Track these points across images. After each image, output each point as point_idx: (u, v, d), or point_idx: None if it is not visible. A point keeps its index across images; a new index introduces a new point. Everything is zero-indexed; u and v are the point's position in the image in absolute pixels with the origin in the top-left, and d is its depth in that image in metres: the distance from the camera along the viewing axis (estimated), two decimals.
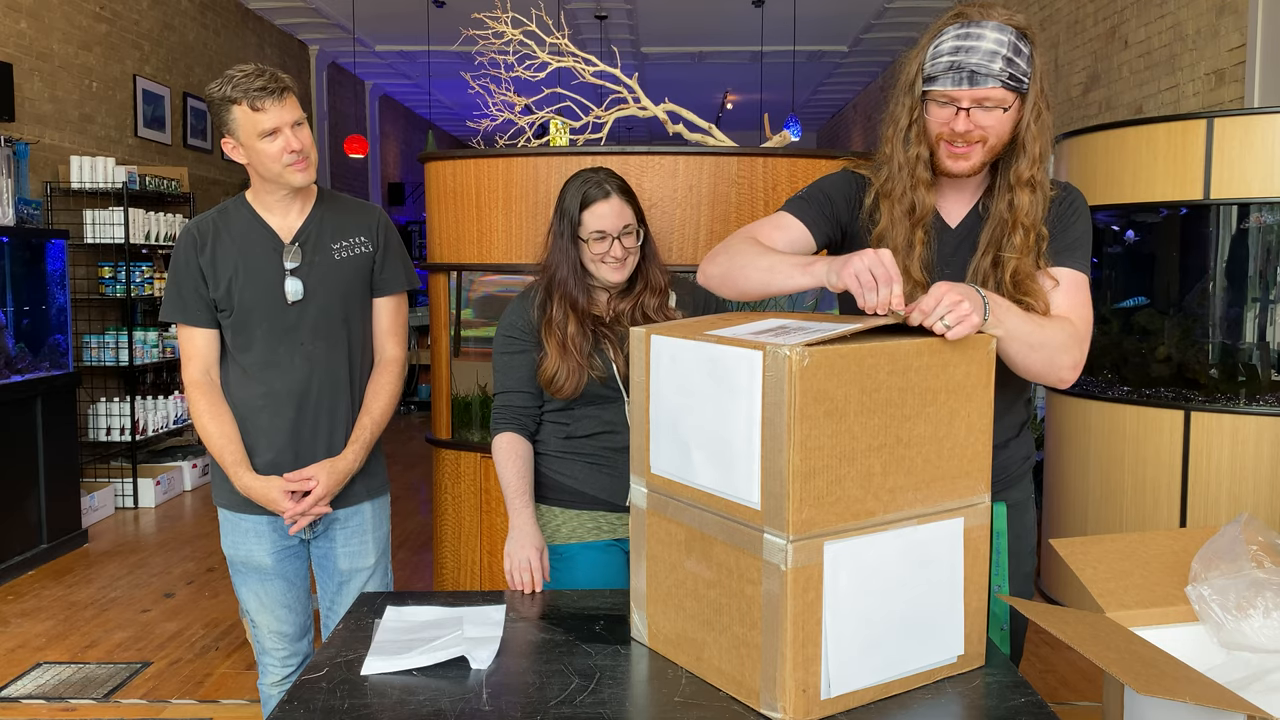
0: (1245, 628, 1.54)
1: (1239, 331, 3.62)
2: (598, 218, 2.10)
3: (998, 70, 1.61)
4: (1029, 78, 1.65)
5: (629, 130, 13.84)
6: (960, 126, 1.65)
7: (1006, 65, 1.61)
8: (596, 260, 2.12)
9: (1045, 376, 1.68)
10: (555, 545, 2.19)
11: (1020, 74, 1.63)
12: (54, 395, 5.06)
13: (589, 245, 2.12)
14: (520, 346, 2.19)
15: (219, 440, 2.21)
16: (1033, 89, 1.66)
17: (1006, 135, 1.68)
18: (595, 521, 2.19)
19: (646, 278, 2.19)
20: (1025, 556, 1.90)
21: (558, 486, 2.20)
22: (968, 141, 1.67)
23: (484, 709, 1.42)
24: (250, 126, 2.12)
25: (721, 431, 1.43)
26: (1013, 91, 1.64)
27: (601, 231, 2.10)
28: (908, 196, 1.73)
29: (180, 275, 2.22)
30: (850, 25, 10.06)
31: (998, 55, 1.60)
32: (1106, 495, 3.77)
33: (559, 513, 2.20)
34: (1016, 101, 1.65)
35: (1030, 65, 1.65)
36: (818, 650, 1.36)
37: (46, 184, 5.93)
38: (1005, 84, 1.62)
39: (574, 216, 2.12)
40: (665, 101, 3.10)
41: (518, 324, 2.20)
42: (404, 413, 9.21)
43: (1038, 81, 1.66)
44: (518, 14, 3.25)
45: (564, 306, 2.14)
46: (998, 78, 1.61)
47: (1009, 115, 1.66)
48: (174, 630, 3.99)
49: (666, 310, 2.21)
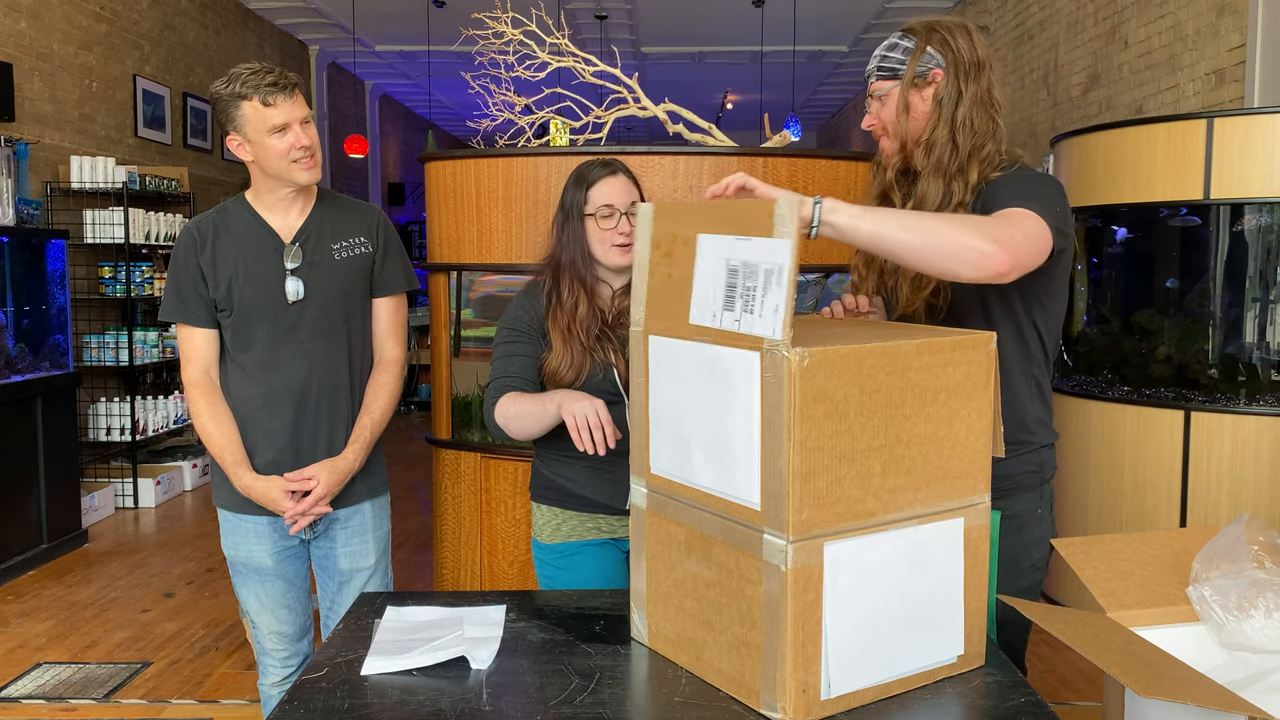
0: (1246, 628, 1.54)
1: (1239, 331, 3.62)
2: (605, 193, 2.10)
3: (873, 67, 1.88)
4: (904, 65, 1.83)
5: (629, 130, 13.84)
6: (864, 124, 1.91)
7: (880, 61, 1.86)
8: (604, 241, 2.09)
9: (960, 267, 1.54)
10: (554, 544, 2.18)
11: (893, 63, 1.84)
12: (54, 395, 5.06)
13: (597, 223, 2.09)
14: (524, 340, 2.14)
15: (219, 440, 2.21)
16: (908, 74, 1.81)
17: (893, 118, 1.85)
18: (594, 523, 2.17)
19: None
20: (1025, 571, 1.87)
21: (557, 488, 2.18)
22: (876, 136, 1.90)
23: (484, 709, 1.42)
24: (260, 122, 2.12)
25: (721, 432, 1.43)
26: (886, 79, 1.85)
27: (609, 206, 2.08)
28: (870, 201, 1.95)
29: (180, 275, 2.22)
30: (850, 25, 10.06)
31: (876, 56, 1.87)
32: (1106, 495, 3.77)
33: (558, 513, 2.19)
34: (896, 87, 1.84)
35: (908, 54, 1.82)
36: (818, 650, 1.36)
37: (46, 184, 5.93)
38: (879, 75, 1.86)
39: (581, 195, 2.11)
40: (665, 101, 3.10)
41: (523, 318, 2.15)
42: (404, 413, 9.21)
43: (913, 67, 1.81)
44: (518, 14, 3.25)
45: (574, 287, 2.11)
46: (873, 73, 1.88)
47: (893, 101, 1.84)
48: (174, 630, 3.99)
49: None
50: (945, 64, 1.80)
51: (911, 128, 1.82)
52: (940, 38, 1.80)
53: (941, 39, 1.80)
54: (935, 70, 1.80)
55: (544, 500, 2.21)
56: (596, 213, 2.09)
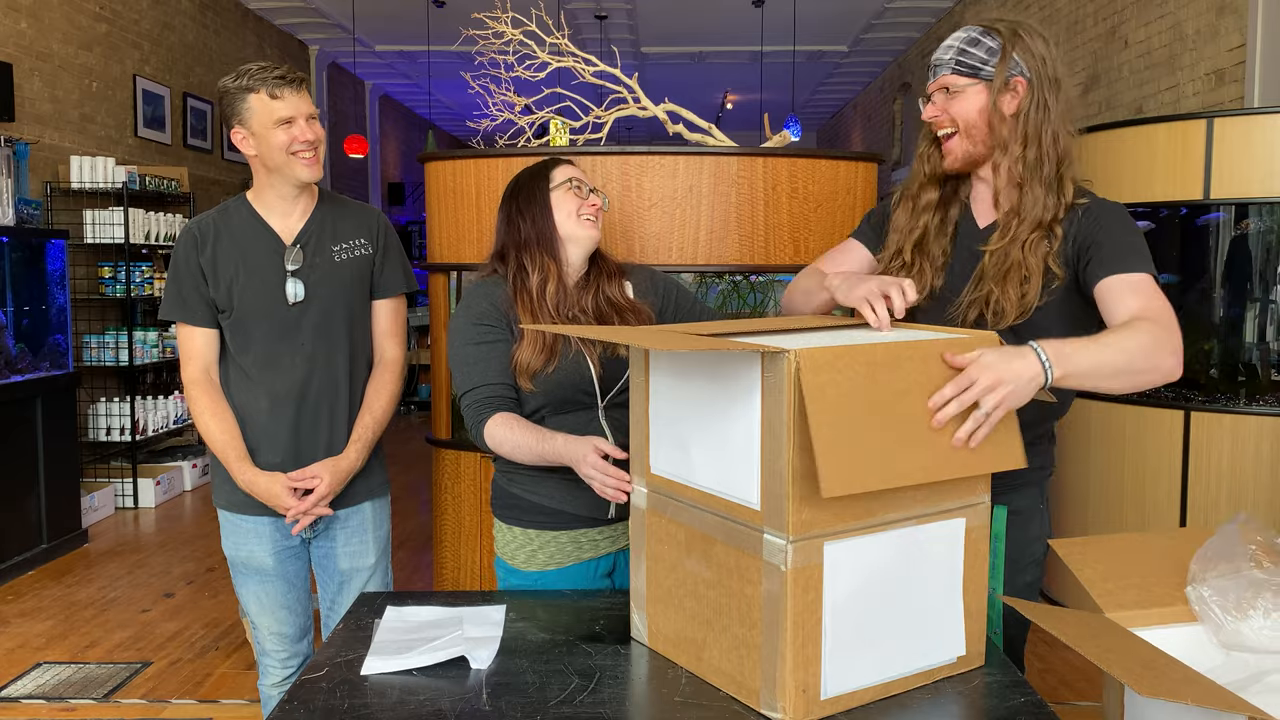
0: (1245, 628, 1.54)
1: (1239, 331, 3.62)
2: (567, 171, 2.07)
3: (949, 59, 1.78)
4: (990, 65, 1.75)
5: (629, 130, 13.83)
6: (926, 114, 1.82)
7: (958, 54, 1.77)
8: (573, 213, 2.02)
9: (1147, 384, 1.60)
10: (534, 572, 2.05)
11: (975, 61, 1.76)
12: (54, 395, 5.07)
13: (564, 196, 2.03)
14: (495, 335, 2.00)
15: (221, 437, 2.21)
16: (998, 78, 1.74)
17: (975, 121, 1.77)
18: (576, 542, 2.04)
19: (599, 265, 2.11)
20: (1027, 567, 1.88)
21: (532, 508, 2.04)
22: (939, 128, 1.81)
23: (484, 709, 1.42)
24: (266, 114, 2.13)
25: (721, 432, 1.43)
26: (966, 76, 1.76)
27: (576, 180, 2.05)
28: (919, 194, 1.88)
29: (180, 274, 2.22)
30: (850, 25, 10.06)
31: (952, 47, 1.78)
32: (1106, 495, 3.78)
33: (535, 535, 2.04)
34: (979, 87, 1.76)
35: (993, 54, 1.75)
36: (818, 650, 1.36)
37: (46, 184, 5.93)
38: (955, 70, 1.77)
39: (540, 181, 2.05)
40: (665, 101, 3.10)
41: (490, 311, 2.01)
42: (404, 413, 9.21)
43: (1003, 71, 1.74)
44: (518, 14, 3.25)
45: (543, 264, 2.01)
46: (948, 65, 1.78)
47: (973, 101, 1.76)
48: (174, 630, 3.99)
49: (625, 297, 2.10)
50: (1029, 73, 1.75)
51: (996, 132, 1.76)
52: (1025, 45, 1.75)
53: (1027, 46, 1.75)
54: (1018, 79, 1.75)
55: (515, 522, 2.06)
56: (566, 182, 2.04)
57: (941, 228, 1.87)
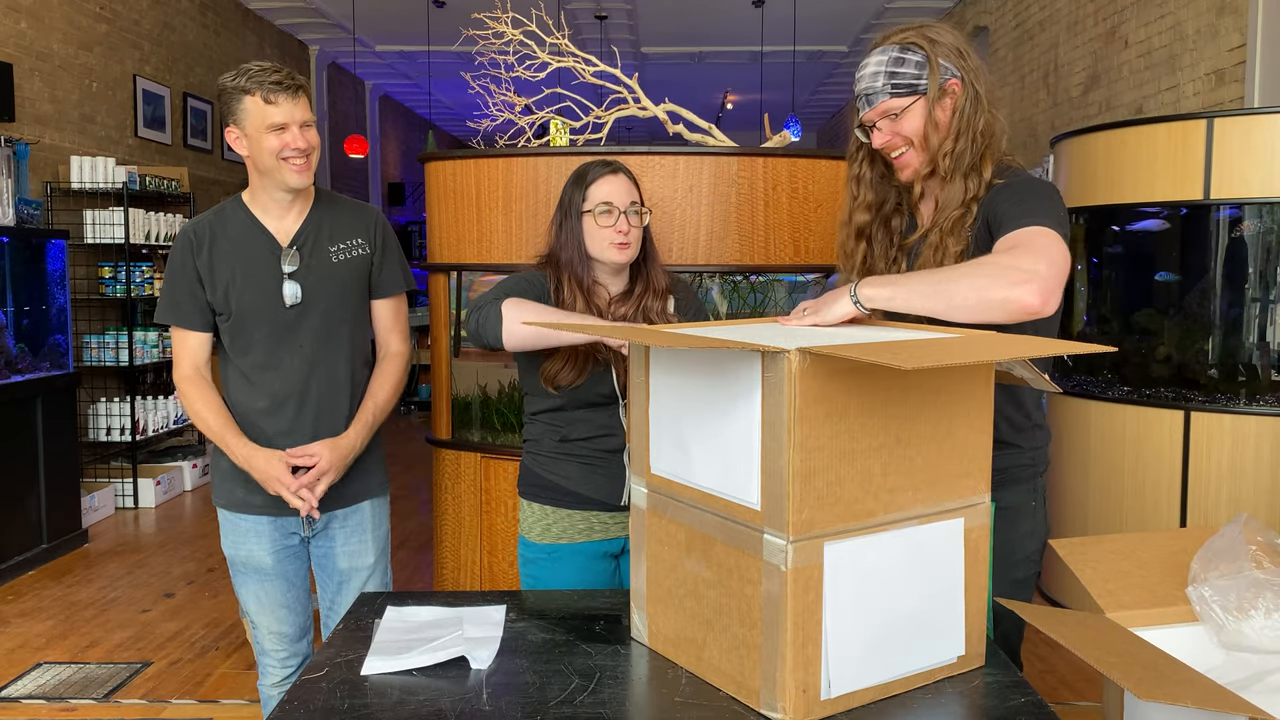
0: (1245, 628, 1.54)
1: (1239, 331, 3.62)
2: (604, 191, 2.09)
3: (881, 86, 1.83)
4: (923, 78, 1.80)
5: (629, 130, 13.84)
6: (876, 142, 1.87)
7: (889, 78, 1.82)
8: (602, 239, 2.07)
9: (1001, 316, 1.57)
10: (542, 544, 2.18)
11: (908, 79, 1.81)
12: (54, 395, 5.07)
13: (595, 219, 2.07)
14: (536, 294, 2.10)
15: (214, 420, 2.21)
16: (933, 87, 1.80)
17: (924, 132, 1.82)
18: (587, 521, 2.16)
19: (648, 279, 2.16)
20: (1019, 563, 1.88)
21: (551, 486, 2.17)
22: (892, 150, 1.86)
23: (484, 709, 1.42)
24: (260, 118, 2.12)
25: (722, 432, 1.43)
26: (905, 96, 1.81)
27: (607, 204, 2.07)
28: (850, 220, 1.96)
29: (176, 277, 2.22)
30: (850, 25, 10.06)
31: (879, 74, 1.83)
32: (1106, 495, 3.77)
33: (551, 512, 2.17)
34: (919, 101, 1.81)
35: (922, 68, 1.80)
36: (818, 651, 1.36)
37: (46, 184, 5.93)
38: (893, 94, 1.82)
39: (580, 193, 2.10)
40: (665, 101, 3.10)
41: (537, 284, 2.12)
42: (404, 413, 9.20)
43: (935, 80, 1.80)
44: (518, 14, 3.25)
45: (573, 289, 2.10)
46: (883, 92, 1.82)
47: (919, 115, 1.82)
48: (174, 630, 3.99)
49: (667, 315, 2.18)
50: (958, 71, 1.81)
51: (940, 139, 1.82)
52: (945, 47, 1.81)
53: (947, 48, 1.82)
54: (952, 81, 1.81)
55: (535, 498, 2.20)
56: (595, 209, 2.08)
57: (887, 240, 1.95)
